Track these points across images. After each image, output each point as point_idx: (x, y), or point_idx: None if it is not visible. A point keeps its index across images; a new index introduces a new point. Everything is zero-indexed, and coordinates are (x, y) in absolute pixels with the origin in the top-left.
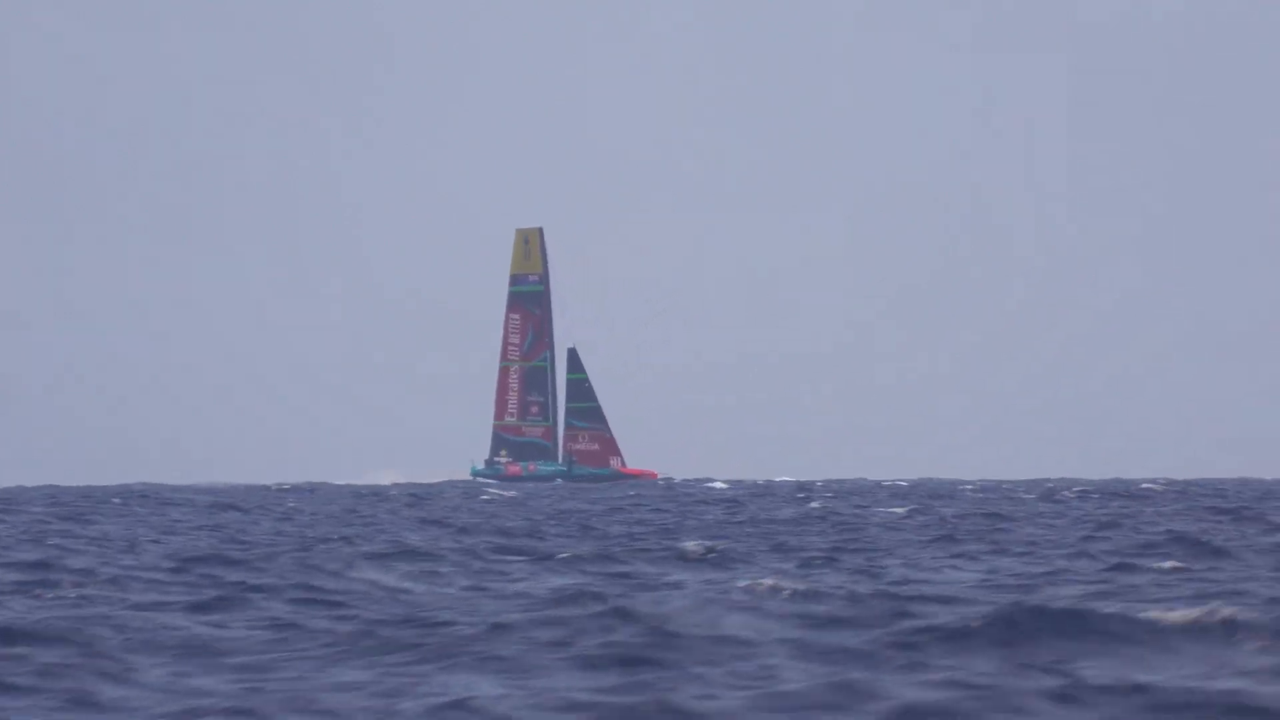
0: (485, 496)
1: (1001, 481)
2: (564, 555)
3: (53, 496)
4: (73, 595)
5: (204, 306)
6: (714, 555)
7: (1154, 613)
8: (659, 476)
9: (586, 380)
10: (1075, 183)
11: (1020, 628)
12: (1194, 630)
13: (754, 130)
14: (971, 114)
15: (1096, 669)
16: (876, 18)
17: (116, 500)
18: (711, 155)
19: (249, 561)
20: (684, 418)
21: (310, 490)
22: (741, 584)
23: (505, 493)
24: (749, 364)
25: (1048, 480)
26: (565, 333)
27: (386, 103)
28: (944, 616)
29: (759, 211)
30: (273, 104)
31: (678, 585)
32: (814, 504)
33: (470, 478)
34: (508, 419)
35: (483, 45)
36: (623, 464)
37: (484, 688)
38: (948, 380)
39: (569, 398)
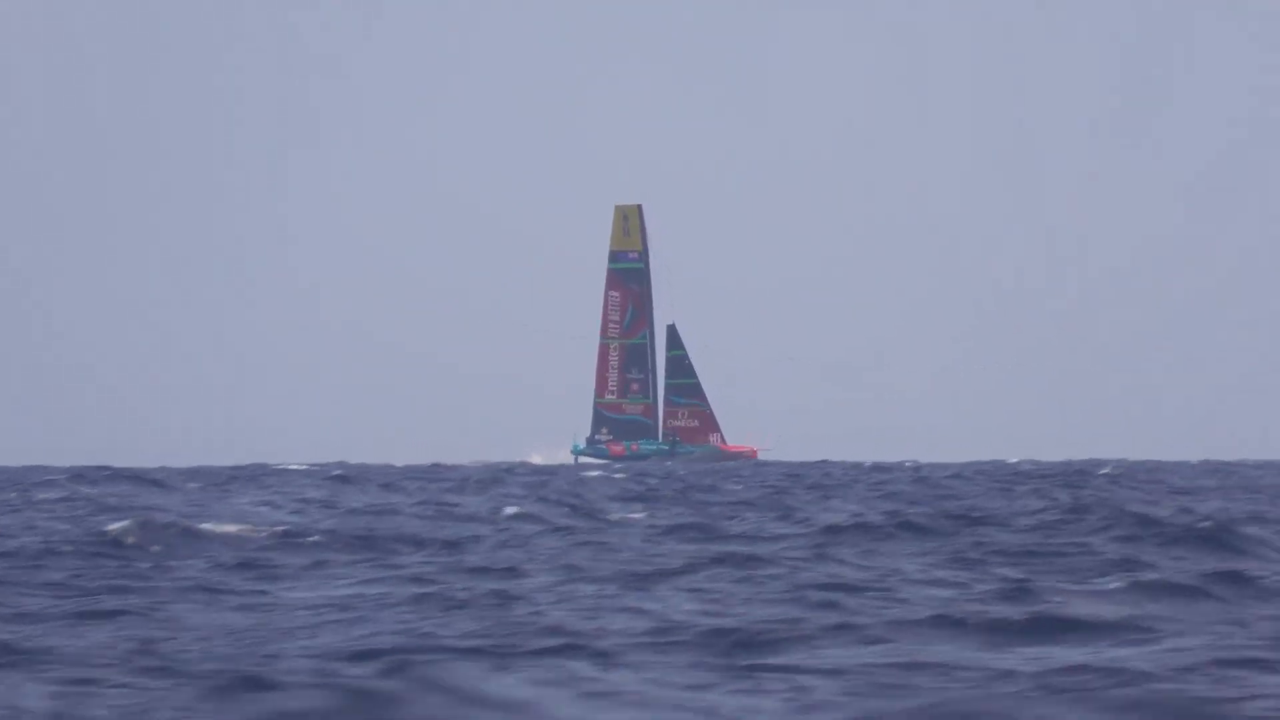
0: None
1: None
2: None
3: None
4: None
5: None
6: None
7: None
8: (758, 453)
9: (686, 357)
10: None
11: None
12: None
13: (858, 110)
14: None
15: None
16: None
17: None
18: (813, 132)
19: None
20: (779, 396)
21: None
22: None
23: None
24: (841, 342)
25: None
26: (665, 309)
27: (481, 79)
28: None
29: (865, 190)
30: (369, 78)
31: None
32: None
33: (572, 456)
34: (608, 396)
35: (579, 19)
36: (722, 440)
37: None
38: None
39: (668, 374)
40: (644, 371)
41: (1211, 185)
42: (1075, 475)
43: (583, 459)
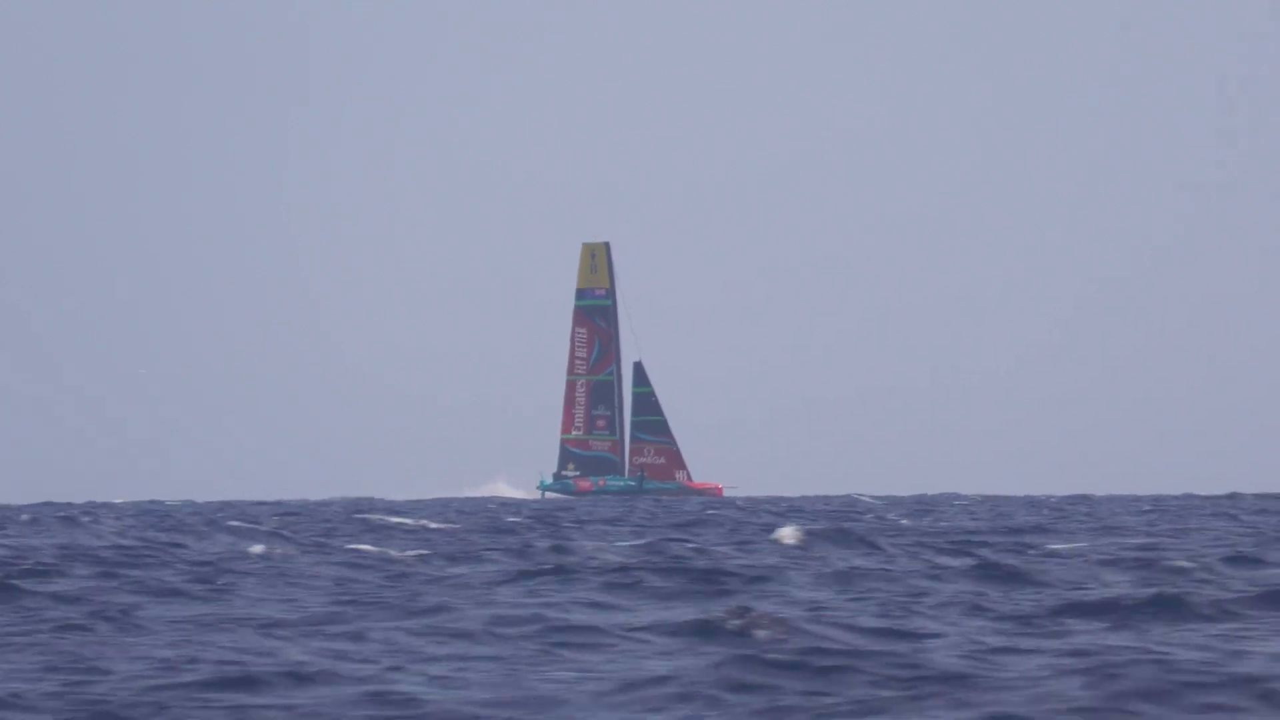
0: None
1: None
2: None
3: None
4: None
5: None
6: None
7: None
8: (723, 491)
9: (653, 393)
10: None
11: None
12: None
13: (811, 145)
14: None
15: None
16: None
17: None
18: (771, 170)
19: None
20: (741, 432)
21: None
22: None
23: None
24: (806, 378)
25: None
26: (631, 346)
27: (450, 113)
28: None
29: (835, 221)
30: (338, 113)
31: None
32: None
33: (539, 493)
34: (574, 432)
35: (549, 55)
36: (688, 478)
37: None
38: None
39: (635, 411)
40: (610, 408)
41: (1211, 189)
42: (842, 512)
43: (549, 495)
